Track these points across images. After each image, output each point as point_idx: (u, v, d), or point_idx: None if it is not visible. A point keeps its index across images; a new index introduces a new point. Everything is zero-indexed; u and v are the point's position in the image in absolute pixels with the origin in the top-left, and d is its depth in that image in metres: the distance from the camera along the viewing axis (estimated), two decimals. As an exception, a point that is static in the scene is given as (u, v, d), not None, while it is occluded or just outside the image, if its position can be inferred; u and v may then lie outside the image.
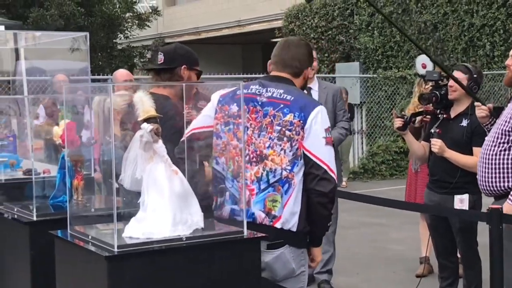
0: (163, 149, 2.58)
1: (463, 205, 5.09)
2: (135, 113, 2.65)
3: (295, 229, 3.28)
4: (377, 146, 14.05)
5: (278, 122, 3.27)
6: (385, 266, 7.18)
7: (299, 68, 3.49)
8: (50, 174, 3.70)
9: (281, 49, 3.54)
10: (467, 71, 5.16)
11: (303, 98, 3.37)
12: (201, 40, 25.71)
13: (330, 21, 19.22)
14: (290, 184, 3.25)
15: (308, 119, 3.27)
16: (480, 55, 16.17)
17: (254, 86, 3.43)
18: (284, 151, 3.24)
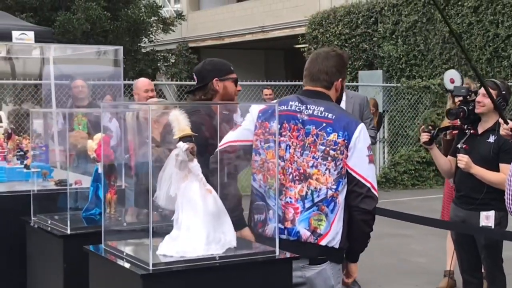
0: (198, 168, 2.61)
1: (489, 221, 5.07)
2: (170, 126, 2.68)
3: (337, 246, 3.31)
4: (399, 155, 14.01)
5: (322, 141, 3.28)
6: (407, 279, 7.17)
7: (328, 81, 3.45)
8: (81, 185, 3.74)
9: (310, 62, 3.53)
10: (495, 87, 5.15)
11: (344, 116, 3.38)
12: (224, 45, 25.78)
13: (354, 28, 19.22)
14: (335, 203, 3.28)
15: (352, 138, 3.29)
16: (505, 66, 16.09)
17: (293, 102, 3.42)
18: (329, 170, 3.26)
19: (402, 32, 18.08)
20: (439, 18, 17.23)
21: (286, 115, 3.37)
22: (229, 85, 4.11)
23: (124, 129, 4.82)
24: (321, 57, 3.49)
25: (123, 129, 3.35)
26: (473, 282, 5.33)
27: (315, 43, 20.04)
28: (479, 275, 5.36)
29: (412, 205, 11.16)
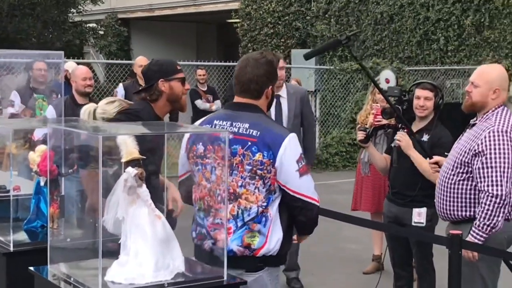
0: (146, 193, 2.61)
1: (421, 218, 5.24)
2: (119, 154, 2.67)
3: (276, 254, 3.34)
4: (331, 137, 14.21)
5: (249, 161, 3.23)
6: (340, 267, 7.32)
7: (258, 91, 3.39)
8: (20, 191, 3.68)
9: (239, 69, 3.43)
10: (433, 89, 5.27)
11: (269, 132, 3.30)
12: (154, 17, 25.45)
13: (287, 6, 19.29)
14: (267, 218, 3.29)
15: (277, 157, 3.24)
16: (434, 49, 16.46)
17: (218, 121, 3.39)
18: (258, 189, 3.24)
19: (335, 12, 18.25)
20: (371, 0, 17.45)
21: (211, 135, 3.32)
22: (175, 85, 4.11)
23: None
24: (250, 65, 3.39)
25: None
26: (404, 275, 5.50)
27: (248, 19, 20.02)
28: (409, 269, 5.54)
29: (343, 189, 11.32)
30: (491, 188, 4.11)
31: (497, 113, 4.28)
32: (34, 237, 3.26)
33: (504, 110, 4.30)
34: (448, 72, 15.86)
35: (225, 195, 3.15)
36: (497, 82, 4.30)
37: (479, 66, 13.41)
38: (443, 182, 4.41)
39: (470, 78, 4.41)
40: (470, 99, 4.34)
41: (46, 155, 3.09)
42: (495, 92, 4.27)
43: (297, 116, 6.33)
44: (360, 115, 7.25)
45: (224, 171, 3.14)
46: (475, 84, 4.32)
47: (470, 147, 4.25)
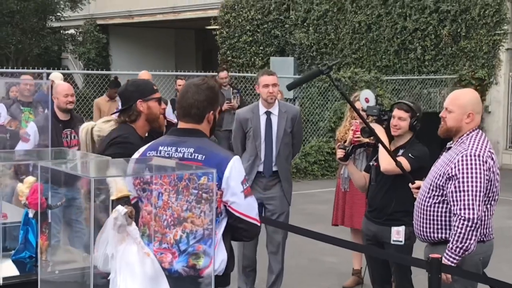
0: (136, 232, 2.68)
1: (400, 236, 5.35)
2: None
3: (221, 273, 3.39)
4: (310, 146, 14.32)
5: (194, 185, 3.23)
6: (319, 281, 7.39)
7: (199, 115, 3.46)
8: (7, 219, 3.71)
9: (181, 95, 3.51)
10: (409, 109, 5.37)
11: (214, 156, 3.36)
12: (133, 23, 25.46)
13: (266, 14, 19.40)
14: (212, 239, 3.30)
15: (223, 178, 3.30)
16: (411, 58, 16.63)
17: (163, 147, 3.43)
18: (204, 212, 3.24)
19: (313, 20, 18.38)
20: (350, 9, 17.60)
21: None
22: (153, 105, 4.22)
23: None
24: (191, 91, 3.47)
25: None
26: (384, 293, 5.61)
27: (227, 26, 20.11)
28: (389, 286, 5.64)
29: (323, 198, 11.45)
30: (463, 212, 4.22)
31: (471, 136, 4.39)
32: (23, 267, 3.30)
33: (478, 134, 4.42)
34: (425, 81, 16.04)
35: (170, 220, 3.22)
36: (470, 106, 4.42)
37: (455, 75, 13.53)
38: (420, 204, 4.53)
39: (444, 103, 4.51)
40: (445, 124, 4.45)
41: (36, 188, 3.15)
42: (469, 116, 4.39)
43: (288, 135, 6.41)
44: (339, 131, 7.35)
45: (171, 196, 3.21)
46: (449, 109, 4.43)
47: (444, 171, 4.36)
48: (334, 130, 13.95)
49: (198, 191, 3.21)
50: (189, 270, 3.26)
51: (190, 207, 3.24)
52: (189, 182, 3.23)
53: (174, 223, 3.26)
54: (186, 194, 3.24)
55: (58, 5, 20.17)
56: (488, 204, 4.35)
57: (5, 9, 17.09)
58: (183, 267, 3.26)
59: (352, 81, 14.39)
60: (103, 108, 11.58)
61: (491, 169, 4.31)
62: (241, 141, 6.53)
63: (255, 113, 6.47)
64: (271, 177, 6.42)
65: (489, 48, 15.66)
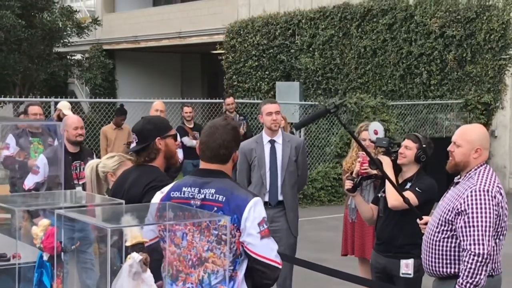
0: (151, 279, 2.71)
1: (409, 269, 5.36)
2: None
3: None
4: (316, 172, 14.34)
5: (215, 226, 3.28)
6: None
7: (227, 155, 3.52)
8: (21, 259, 3.74)
9: (208, 135, 3.53)
10: (417, 140, 5.43)
11: (235, 197, 3.40)
12: (139, 48, 25.62)
13: (271, 39, 19.51)
14: (234, 281, 3.38)
15: (242, 220, 3.34)
16: (417, 83, 16.67)
17: (186, 188, 3.48)
18: (224, 254, 3.29)
19: (319, 45, 18.47)
20: (355, 34, 17.69)
21: (180, 202, 3.43)
22: (170, 142, 4.26)
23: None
24: (219, 132, 3.51)
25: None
26: (394, 325, 5.61)
27: (233, 51, 20.23)
28: (399, 319, 5.65)
29: (330, 225, 11.46)
30: (473, 247, 4.23)
31: (479, 172, 4.41)
32: (37, 311, 3.33)
33: (486, 169, 4.44)
34: (431, 106, 16.07)
35: (195, 260, 3.27)
36: (478, 141, 4.44)
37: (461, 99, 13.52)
38: (429, 239, 4.55)
39: (453, 138, 4.55)
40: (453, 159, 4.48)
41: (50, 233, 3.19)
42: (477, 151, 4.41)
43: (292, 164, 6.46)
44: (345, 161, 7.39)
45: (195, 236, 3.26)
46: (457, 144, 4.46)
47: (453, 206, 4.38)
48: (341, 155, 14.00)
49: (218, 232, 3.26)
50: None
51: (211, 247, 3.28)
52: (209, 223, 3.28)
53: (198, 263, 3.31)
54: (207, 235, 3.28)
55: (66, 31, 20.33)
56: (497, 239, 4.37)
57: (12, 36, 17.25)
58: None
59: (358, 107, 14.42)
60: (109, 136, 11.64)
61: (499, 204, 4.34)
62: (247, 173, 6.58)
63: (259, 143, 6.54)
64: (277, 207, 6.45)
65: (494, 73, 15.71)
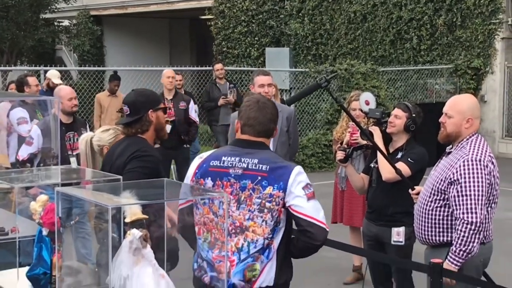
0: (151, 254, 2.75)
1: (400, 237, 5.45)
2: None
3: (272, 284, 3.50)
4: (307, 139, 14.38)
5: (258, 195, 3.43)
6: (320, 278, 7.48)
7: (273, 129, 3.67)
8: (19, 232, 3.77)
9: (256, 111, 3.63)
10: (406, 110, 5.48)
11: (278, 166, 3.50)
12: (127, 14, 25.40)
13: (261, 5, 19.38)
14: (270, 249, 3.48)
15: (288, 186, 3.43)
16: (407, 48, 16.67)
17: (226, 157, 3.57)
18: (265, 222, 3.43)
19: (308, 10, 18.38)
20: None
21: (218, 171, 3.54)
22: (160, 114, 4.31)
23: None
24: (268, 107, 3.66)
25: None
26: (384, 292, 5.72)
27: (222, 17, 20.10)
28: (389, 284, 5.74)
29: (321, 192, 11.44)
30: (466, 216, 4.31)
31: (471, 141, 4.48)
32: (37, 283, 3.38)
33: (477, 138, 4.51)
34: (421, 71, 16.10)
35: (231, 228, 3.41)
36: (469, 112, 4.52)
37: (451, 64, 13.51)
38: (421, 208, 4.63)
39: (444, 109, 4.60)
40: (445, 130, 4.55)
41: (49, 208, 3.22)
42: (468, 121, 4.48)
43: (284, 134, 6.49)
44: (335, 130, 7.45)
45: (232, 205, 3.42)
46: (448, 114, 4.53)
47: (446, 175, 4.45)
48: (331, 122, 14.05)
49: (262, 200, 3.40)
50: (243, 285, 3.43)
51: (252, 216, 3.41)
52: (253, 192, 3.42)
53: (236, 231, 3.43)
54: (249, 204, 3.42)
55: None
56: (489, 207, 4.46)
57: (0, 4, 17.08)
58: (239, 280, 3.42)
59: (349, 73, 14.42)
60: (103, 104, 11.62)
61: (491, 173, 4.41)
62: None
63: None
64: None
65: (484, 38, 15.72)
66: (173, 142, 9.34)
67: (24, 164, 6.47)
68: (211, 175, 3.54)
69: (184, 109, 9.60)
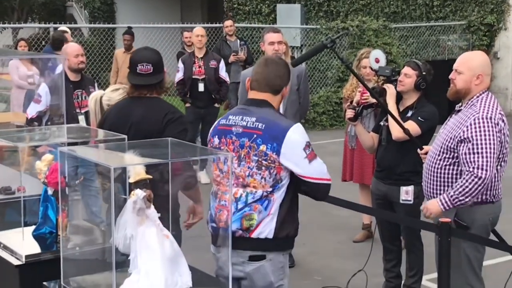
0: (155, 214, 2.75)
1: (409, 196, 5.44)
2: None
3: (271, 236, 3.52)
4: (318, 96, 14.30)
5: (254, 152, 3.49)
6: (330, 236, 7.51)
7: (280, 85, 3.68)
8: (25, 192, 3.79)
9: (262, 66, 3.71)
10: (416, 68, 5.41)
11: (274, 125, 3.52)
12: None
13: (272, -39, 19.10)
14: (270, 201, 3.52)
15: (282, 148, 3.46)
16: (420, 4, 16.45)
17: (233, 116, 3.65)
18: (264, 179, 3.49)
19: (320, -34, 18.13)
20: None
21: (224, 129, 3.63)
22: (165, 75, 4.29)
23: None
24: (273, 62, 3.73)
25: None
26: (393, 249, 5.72)
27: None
28: (398, 243, 5.75)
29: (331, 150, 11.51)
30: (477, 171, 4.27)
31: (481, 99, 4.43)
32: (43, 243, 3.40)
33: (488, 96, 4.46)
34: (434, 28, 15.89)
35: (233, 183, 3.48)
36: (480, 68, 4.45)
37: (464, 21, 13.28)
38: (430, 166, 4.60)
39: (454, 65, 4.54)
40: (454, 86, 4.50)
41: (54, 168, 3.22)
42: (478, 78, 4.42)
43: (294, 93, 6.44)
44: (346, 89, 7.41)
45: (234, 162, 3.51)
46: (458, 71, 4.47)
47: (455, 134, 4.41)
48: (342, 80, 13.93)
49: (258, 158, 3.47)
50: (241, 233, 3.48)
51: (252, 173, 3.49)
52: (250, 149, 3.49)
53: (238, 185, 3.51)
54: (248, 161, 3.49)
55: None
56: (499, 166, 4.43)
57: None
58: (237, 228, 3.48)
59: (360, 30, 14.26)
60: (119, 60, 11.64)
61: (502, 131, 4.37)
62: None
63: None
64: None
65: (498, -7, 15.51)
66: (204, 101, 9.36)
67: (32, 122, 6.47)
68: (218, 133, 3.64)
69: (215, 68, 9.58)
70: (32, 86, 8.55)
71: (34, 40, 13.54)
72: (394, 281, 5.69)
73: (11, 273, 3.23)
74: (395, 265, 5.72)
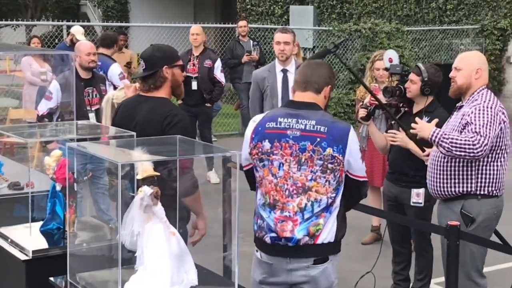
0: (162, 212, 2.75)
1: (420, 198, 5.42)
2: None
3: (333, 239, 3.59)
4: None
5: (319, 156, 3.49)
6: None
7: (320, 85, 3.65)
8: (34, 187, 3.79)
9: (303, 68, 3.77)
10: (419, 73, 5.36)
11: (335, 127, 3.55)
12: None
13: (285, -38, 19.10)
14: (334, 207, 3.57)
15: (346, 150, 3.53)
16: (433, 7, 16.39)
17: (282, 119, 3.60)
18: (328, 182, 3.51)
19: (333, -33, 18.11)
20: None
21: (276, 133, 3.58)
22: (177, 72, 4.23)
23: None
24: (314, 63, 3.79)
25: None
26: (403, 252, 5.69)
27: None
28: (408, 246, 5.73)
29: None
30: (479, 136, 4.32)
31: (482, 94, 4.56)
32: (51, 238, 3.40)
33: (488, 92, 4.59)
34: (447, 31, 15.83)
35: (292, 189, 3.50)
36: (478, 63, 4.62)
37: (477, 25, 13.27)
38: (435, 161, 4.67)
39: (453, 64, 4.67)
40: (455, 83, 4.62)
41: (62, 164, 3.21)
42: (477, 72, 4.56)
43: None
44: (359, 90, 7.38)
45: (292, 166, 3.52)
46: (458, 68, 4.61)
47: (458, 125, 4.50)
48: (354, 82, 13.88)
49: (324, 161, 3.48)
50: (307, 240, 3.50)
51: (315, 177, 3.48)
52: (313, 153, 3.49)
53: (298, 192, 3.50)
54: (310, 165, 3.49)
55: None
56: (502, 158, 4.52)
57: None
58: (304, 235, 3.49)
59: (373, 32, 14.21)
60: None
61: (502, 121, 4.48)
62: (259, 102, 6.59)
63: (271, 72, 6.54)
64: None
65: (512, -2, 15.43)
66: (195, 100, 9.31)
67: (43, 119, 6.49)
68: (268, 137, 3.58)
69: (209, 68, 9.52)
70: (45, 83, 8.55)
71: (47, 37, 13.58)
72: (402, 284, 5.66)
73: (18, 268, 3.23)
74: (404, 268, 5.69)
